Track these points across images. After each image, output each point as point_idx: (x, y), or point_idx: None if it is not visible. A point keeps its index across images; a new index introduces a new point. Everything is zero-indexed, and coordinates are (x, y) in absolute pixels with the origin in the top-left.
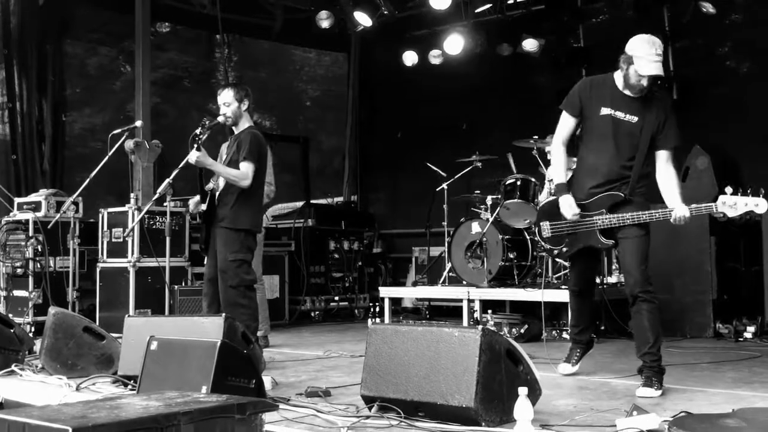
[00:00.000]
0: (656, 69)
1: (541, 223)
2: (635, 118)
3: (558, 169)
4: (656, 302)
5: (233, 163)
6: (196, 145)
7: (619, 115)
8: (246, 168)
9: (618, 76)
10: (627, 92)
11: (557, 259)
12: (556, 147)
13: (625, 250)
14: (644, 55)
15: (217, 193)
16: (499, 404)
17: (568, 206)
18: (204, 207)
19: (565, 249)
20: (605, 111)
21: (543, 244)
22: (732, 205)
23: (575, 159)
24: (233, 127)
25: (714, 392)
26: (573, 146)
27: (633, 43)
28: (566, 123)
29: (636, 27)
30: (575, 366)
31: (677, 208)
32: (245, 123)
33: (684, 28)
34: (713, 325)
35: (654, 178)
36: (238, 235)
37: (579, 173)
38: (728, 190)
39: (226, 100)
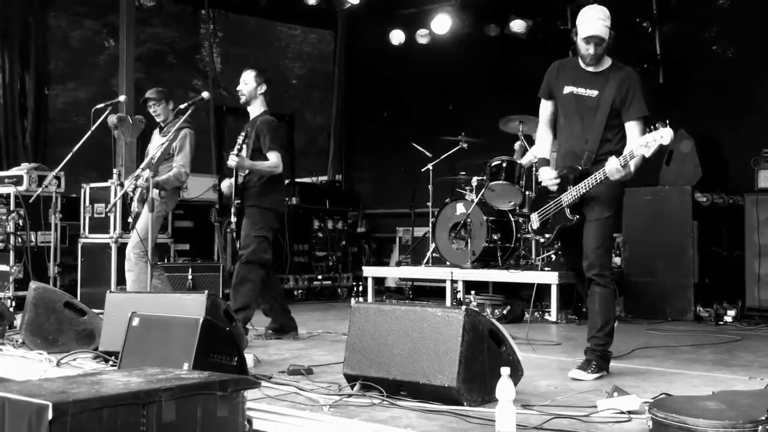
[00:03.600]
0: (594, 30)
1: (531, 216)
2: (595, 92)
3: (540, 145)
4: (611, 287)
5: (256, 152)
6: (234, 152)
7: (581, 91)
8: (274, 157)
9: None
10: (589, 69)
11: (545, 248)
12: (539, 129)
13: (587, 233)
14: (585, 21)
15: (243, 177)
16: (481, 384)
17: (546, 175)
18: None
19: (547, 235)
20: (567, 89)
21: (535, 237)
22: (645, 144)
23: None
24: (247, 108)
25: (694, 375)
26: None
27: (579, 14)
28: (543, 108)
29: (623, 10)
30: None
31: (608, 164)
32: (259, 107)
33: (671, 12)
34: (694, 309)
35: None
36: (263, 214)
37: (557, 157)
38: (646, 131)
39: (246, 79)
